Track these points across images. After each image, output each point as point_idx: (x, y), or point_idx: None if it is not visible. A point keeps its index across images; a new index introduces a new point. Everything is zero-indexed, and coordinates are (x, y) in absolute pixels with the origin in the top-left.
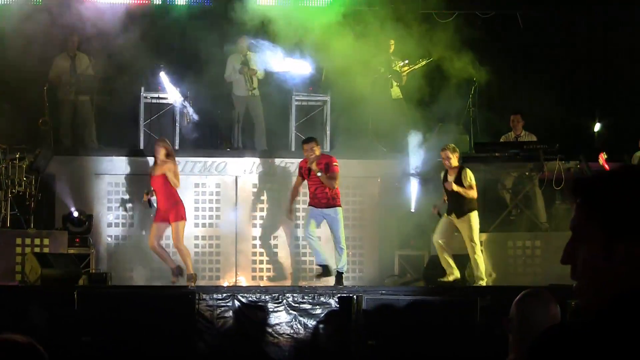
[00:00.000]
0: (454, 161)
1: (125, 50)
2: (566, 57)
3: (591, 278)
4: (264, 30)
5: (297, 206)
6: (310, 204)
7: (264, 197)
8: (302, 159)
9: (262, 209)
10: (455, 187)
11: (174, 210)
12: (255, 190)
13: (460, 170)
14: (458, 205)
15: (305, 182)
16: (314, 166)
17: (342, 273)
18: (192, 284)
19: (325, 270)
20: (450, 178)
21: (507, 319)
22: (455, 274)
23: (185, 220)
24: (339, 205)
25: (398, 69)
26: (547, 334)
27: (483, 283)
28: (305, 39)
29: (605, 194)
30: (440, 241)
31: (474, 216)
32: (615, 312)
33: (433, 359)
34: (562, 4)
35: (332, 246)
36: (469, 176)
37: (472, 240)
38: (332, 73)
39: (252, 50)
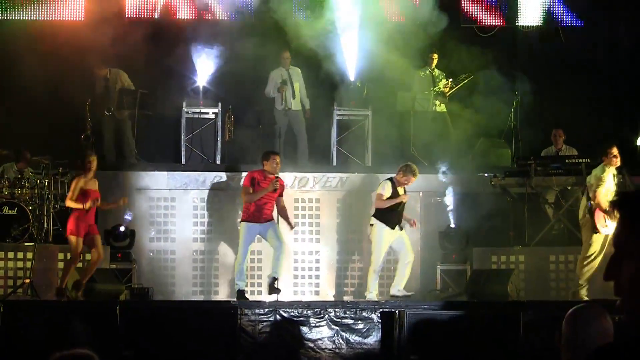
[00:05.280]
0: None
1: (166, 65)
2: (608, 71)
3: (637, 293)
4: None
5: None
6: None
7: (305, 212)
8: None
9: (303, 224)
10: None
11: None
12: (296, 204)
13: None
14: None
15: None
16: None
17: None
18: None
19: None
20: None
21: (559, 334)
22: None
23: None
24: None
25: (441, 87)
26: (599, 353)
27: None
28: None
29: None
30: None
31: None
32: None
33: None
34: (604, 16)
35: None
36: None
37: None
38: (374, 87)
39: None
